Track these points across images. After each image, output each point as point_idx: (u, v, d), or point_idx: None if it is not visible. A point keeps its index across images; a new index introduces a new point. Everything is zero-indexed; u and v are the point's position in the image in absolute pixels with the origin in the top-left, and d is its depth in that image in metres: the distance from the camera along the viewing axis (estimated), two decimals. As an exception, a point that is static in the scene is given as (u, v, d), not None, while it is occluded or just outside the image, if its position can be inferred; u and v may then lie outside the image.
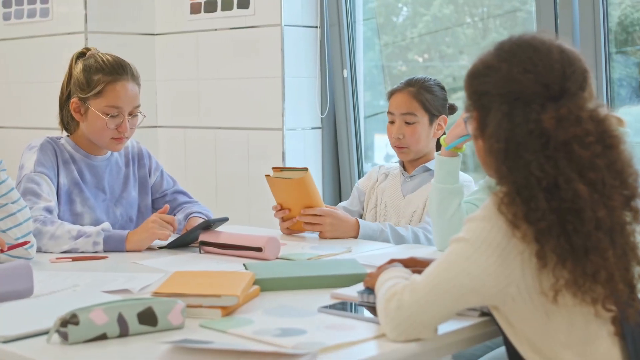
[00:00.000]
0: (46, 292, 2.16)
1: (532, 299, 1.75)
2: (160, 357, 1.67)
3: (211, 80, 4.72)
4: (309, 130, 4.55)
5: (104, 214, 2.97)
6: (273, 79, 4.43)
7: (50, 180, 2.86)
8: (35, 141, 2.94)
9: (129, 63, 2.97)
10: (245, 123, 4.57)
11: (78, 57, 3.00)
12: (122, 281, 2.28)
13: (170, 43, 4.89)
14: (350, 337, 1.78)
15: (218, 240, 2.69)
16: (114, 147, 2.95)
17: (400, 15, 4.78)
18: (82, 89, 2.90)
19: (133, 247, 2.73)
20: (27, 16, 4.96)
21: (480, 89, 1.80)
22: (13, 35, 5.07)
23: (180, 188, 3.19)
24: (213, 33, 4.67)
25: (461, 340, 1.87)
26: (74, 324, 1.76)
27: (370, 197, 3.26)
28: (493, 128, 1.76)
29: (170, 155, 4.95)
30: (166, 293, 1.98)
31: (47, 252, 2.72)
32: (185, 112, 4.86)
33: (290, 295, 2.16)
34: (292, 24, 4.43)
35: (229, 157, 4.66)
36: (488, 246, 1.74)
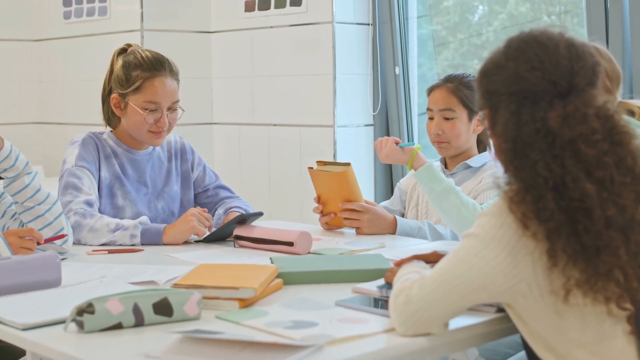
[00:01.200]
0: (74, 283, 2.20)
1: (543, 297, 1.74)
2: (170, 347, 1.69)
3: (264, 78, 4.76)
4: (361, 127, 4.56)
5: (145, 208, 3.02)
6: (324, 76, 4.45)
7: (91, 174, 2.91)
8: (77, 136, 3.00)
9: (168, 59, 3.00)
10: (298, 120, 4.60)
11: (119, 54, 3.05)
12: (151, 273, 2.32)
13: (225, 41, 4.94)
14: (361, 330, 1.79)
15: (252, 235, 2.71)
16: (153, 142, 2.99)
17: (476, 13, 4.75)
18: (122, 84, 2.95)
19: (170, 241, 2.77)
20: (86, 15, 5.06)
21: (490, 88, 1.80)
22: (73, 34, 5.17)
23: (222, 183, 3.23)
24: (266, 31, 4.71)
25: (474, 336, 1.86)
26: (89, 313, 1.80)
27: (412, 196, 3.26)
28: (501, 127, 1.76)
29: (225, 152, 5.00)
30: (185, 285, 2.01)
31: (87, 244, 2.77)
32: (240, 109, 4.91)
33: (312, 288, 2.17)
34: (344, 22, 4.44)
35: (281, 153, 4.69)
36: (498, 243, 1.73)
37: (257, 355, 1.63)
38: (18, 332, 1.82)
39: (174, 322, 1.86)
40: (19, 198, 2.55)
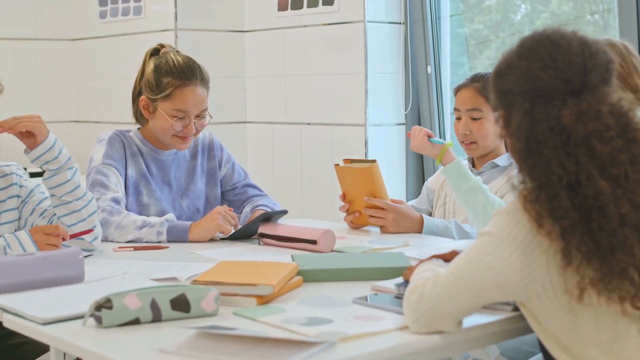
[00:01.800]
0: (97, 279, 2.23)
1: (557, 296, 1.74)
2: (185, 342, 1.71)
3: (297, 77, 4.77)
4: (392, 126, 4.56)
5: (169, 206, 3.04)
6: (356, 75, 4.46)
7: (117, 172, 2.94)
8: (104, 134, 3.03)
9: (199, 65, 3.01)
10: (330, 119, 4.61)
11: (151, 55, 3.07)
12: (174, 270, 2.34)
13: (258, 40, 4.96)
14: (375, 327, 1.80)
15: (276, 233, 2.73)
16: (179, 147, 3.01)
17: (519, 12, 4.74)
18: (152, 89, 2.97)
19: (196, 238, 2.80)
20: (121, 14, 5.11)
21: (504, 88, 1.80)
22: (108, 33, 5.22)
23: (250, 181, 3.24)
24: (299, 30, 4.72)
25: (489, 335, 1.86)
26: (107, 308, 1.83)
27: (440, 195, 3.25)
28: (515, 126, 1.76)
29: (258, 151, 5.03)
30: (204, 281, 2.03)
31: (114, 241, 2.80)
32: (273, 108, 4.93)
33: (332, 286, 2.18)
34: (376, 21, 4.44)
35: (314, 152, 4.70)
36: (512, 241, 1.73)
37: (270, 351, 1.64)
38: (38, 326, 1.86)
39: (191, 318, 1.88)
40: (58, 192, 2.58)
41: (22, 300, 1.99)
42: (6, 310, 1.96)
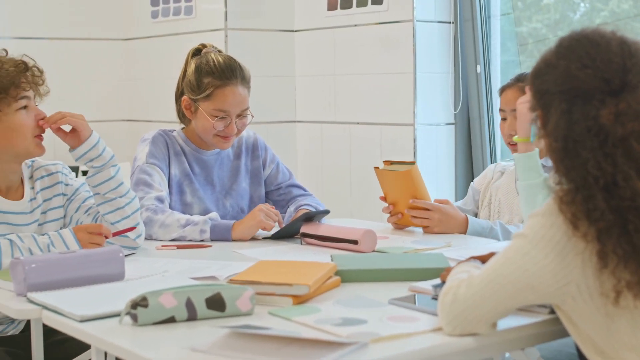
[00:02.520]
0: (137, 277, 2.26)
1: (593, 299, 1.72)
2: (217, 341, 1.72)
3: (346, 76, 4.77)
4: (442, 126, 4.54)
5: (213, 206, 3.06)
6: (405, 74, 4.44)
7: (161, 171, 2.97)
8: (148, 134, 3.06)
9: (240, 65, 3.02)
10: (378, 118, 4.60)
11: (193, 55, 3.09)
12: (215, 269, 2.35)
13: (308, 39, 4.97)
14: (409, 329, 1.79)
15: (318, 233, 2.74)
16: (221, 146, 3.03)
17: (578, 11, 4.69)
18: (193, 90, 2.99)
19: (238, 237, 2.81)
20: (172, 14, 5.15)
21: (541, 88, 1.78)
22: (160, 33, 5.27)
23: (295, 181, 3.25)
24: (348, 29, 4.72)
25: (524, 337, 1.84)
26: (143, 306, 1.84)
27: (485, 195, 3.23)
28: (552, 126, 1.74)
29: (307, 150, 5.04)
30: (241, 280, 2.04)
31: (158, 239, 2.83)
32: (322, 107, 4.93)
33: (370, 286, 2.18)
34: (425, 20, 4.43)
35: (362, 151, 4.70)
36: (547, 243, 1.71)
37: (301, 351, 1.65)
38: (76, 323, 1.88)
39: (226, 317, 1.89)
40: (102, 189, 2.61)
41: (62, 298, 2.02)
42: (46, 307, 1.99)
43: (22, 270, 2.08)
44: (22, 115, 2.55)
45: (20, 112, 2.55)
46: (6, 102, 2.53)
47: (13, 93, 2.53)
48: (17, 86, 2.54)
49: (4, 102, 2.52)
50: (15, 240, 2.39)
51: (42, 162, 2.73)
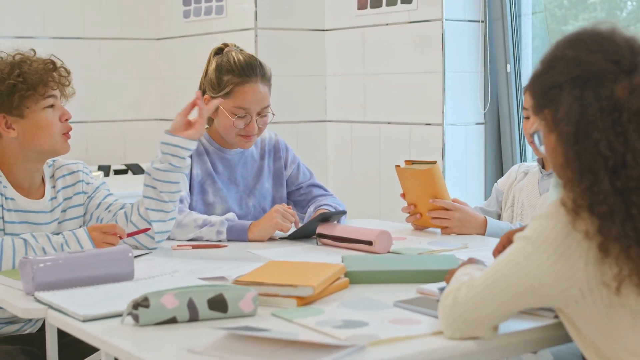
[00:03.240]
0: (147, 277, 2.26)
1: (596, 303, 1.69)
2: (213, 342, 1.72)
3: (375, 75, 4.76)
4: (471, 125, 4.50)
5: (236, 205, 3.06)
6: (434, 74, 4.42)
7: (182, 171, 2.97)
8: (171, 133, 3.06)
9: (260, 63, 3.02)
10: (407, 118, 4.58)
11: (215, 54, 3.10)
12: (225, 269, 2.35)
13: (338, 38, 4.96)
14: (409, 332, 1.77)
15: (333, 233, 2.72)
16: (242, 145, 3.03)
17: (625, 9, 4.64)
18: (214, 88, 3.00)
19: (255, 237, 2.81)
20: (204, 14, 5.17)
21: (547, 83, 1.75)
22: (191, 33, 5.29)
23: (316, 181, 3.24)
24: (378, 28, 4.70)
25: (526, 342, 1.81)
26: (144, 306, 1.85)
27: (508, 196, 3.20)
28: (562, 114, 1.70)
29: (337, 149, 5.03)
30: (246, 281, 2.03)
31: (175, 239, 2.83)
32: (352, 107, 4.92)
33: (378, 288, 2.16)
34: (454, 19, 4.40)
35: (392, 151, 4.68)
36: (549, 245, 1.69)
37: (296, 354, 1.64)
38: (79, 323, 1.89)
39: (229, 318, 1.89)
40: (161, 187, 2.64)
41: (68, 297, 2.03)
42: (52, 307, 2.00)
43: (31, 270, 2.10)
44: (49, 114, 2.58)
45: (47, 110, 2.58)
46: (34, 100, 2.56)
47: (41, 91, 2.56)
48: (45, 84, 2.57)
49: (31, 99, 2.55)
50: (29, 240, 2.40)
51: (63, 162, 2.75)
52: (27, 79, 2.53)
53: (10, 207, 2.58)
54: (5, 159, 2.60)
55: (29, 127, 2.56)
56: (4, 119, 2.55)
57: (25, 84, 2.53)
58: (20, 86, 2.53)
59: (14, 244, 2.38)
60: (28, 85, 2.53)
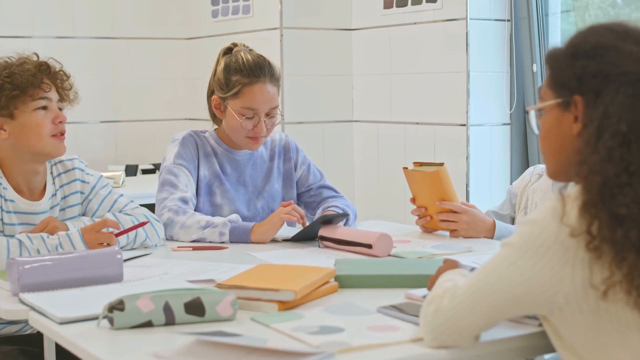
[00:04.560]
0: (136, 279, 2.24)
1: (581, 310, 1.64)
2: (181, 347, 1.69)
3: (401, 75, 4.71)
4: (496, 126, 4.44)
5: (244, 207, 3.04)
6: (458, 73, 4.36)
7: (188, 172, 2.95)
8: (178, 134, 3.05)
9: (269, 63, 2.99)
10: (432, 118, 4.53)
11: (224, 54, 3.08)
12: (220, 271, 2.33)
13: (365, 38, 4.93)
14: (383, 339, 1.73)
15: (334, 236, 2.69)
16: (250, 147, 3.01)
17: None
18: (222, 88, 2.98)
19: (257, 239, 2.78)
20: (231, 13, 5.16)
21: (589, 69, 1.67)
22: (220, 32, 5.29)
23: (326, 183, 3.21)
24: (403, 27, 4.66)
25: (508, 350, 1.76)
26: (120, 310, 1.83)
27: (522, 199, 3.14)
28: (614, 108, 1.63)
29: (364, 150, 4.99)
30: (227, 285, 2.01)
31: (179, 240, 2.82)
32: (378, 106, 4.88)
33: (367, 293, 2.12)
34: (480, 18, 4.34)
35: (417, 152, 4.63)
36: (535, 253, 1.64)
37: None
38: (54, 325, 1.88)
39: (206, 322, 1.87)
40: None
41: (51, 299, 2.01)
42: (33, 308, 1.99)
43: (17, 271, 2.09)
44: (39, 115, 2.57)
45: (37, 112, 2.57)
46: (22, 101, 2.55)
47: (30, 92, 2.55)
48: (35, 86, 2.56)
49: (19, 100, 2.55)
50: (24, 241, 2.40)
51: (59, 157, 2.72)
52: (15, 80, 2.53)
53: (9, 209, 2.58)
54: (4, 161, 2.61)
55: (18, 128, 2.55)
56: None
57: (12, 84, 2.53)
58: (6, 86, 2.52)
59: (9, 244, 2.38)
60: (15, 85, 2.53)
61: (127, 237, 2.62)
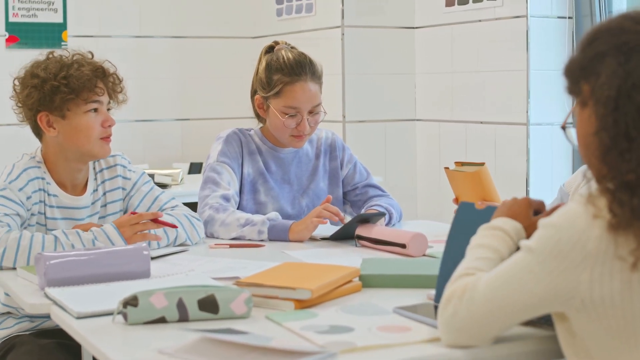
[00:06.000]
0: (162, 275, 2.26)
1: (598, 314, 1.61)
2: (186, 344, 1.70)
3: (462, 73, 4.66)
4: (558, 125, 4.35)
5: (288, 204, 3.04)
6: (518, 72, 4.30)
7: (232, 169, 2.97)
8: (223, 132, 3.07)
9: (310, 60, 2.99)
10: (493, 117, 4.47)
11: (266, 52, 3.08)
12: (250, 269, 2.32)
13: (427, 36, 4.89)
14: (391, 339, 1.71)
15: (370, 235, 2.67)
16: (294, 145, 3.01)
17: None
18: (264, 87, 2.98)
19: (295, 237, 2.78)
20: (295, 12, 5.17)
21: (588, 57, 1.66)
22: (284, 31, 5.30)
23: (372, 181, 3.19)
24: (465, 25, 4.61)
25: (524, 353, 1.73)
26: (133, 305, 1.85)
27: (572, 198, 3.07)
28: (605, 77, 1.61)
29: (426, 149, 4.95)
30: (246, 282, 2.01)
31: (219, 238, 2.83)
32: (440, 105, 4.84)
33: (390, 293, 2.11)
34: (541, 15, 4.26)
35: (478, 151, 4.57)
36: (553, 259, 1.61)
37: (261, 358, 1.61)
38: (71, 319, 1.90)
39: (220, 320, 1.87)
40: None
41: (74, 294, 2.04)
42: (55, 303, 2.02)
43: (43, 266, 2.13)
44: (89, 118, 2.61)
45: (88, 115, 2.61)
46: (75, 103, 2.59)
47: (84, 95, 2.59)
48: (90, 90, 2.60)
49: (73, 102, 2.58)
50: (60, 236, 2.44)
51: None
52: (71, 83, 2.56)
53: (52, 204, 2.63)
54: (49, 157, 2.66)
55: (68, 128, 2.60)
56: (47, 117, 2.60)
57: (68, 87, 2.56)
58: (62, 89, 2.56)
59: (44, 240, 2.42)
60: (71, 88, 2.56)
61: (167, 237, 2.64)
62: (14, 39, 5.00)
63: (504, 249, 1.77)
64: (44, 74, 2.57)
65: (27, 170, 2.59)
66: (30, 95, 2.58)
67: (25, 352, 2.54)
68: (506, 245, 1.78)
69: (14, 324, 2.63)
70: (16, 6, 5.00)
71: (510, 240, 1.78)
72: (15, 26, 5.01)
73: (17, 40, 5.00)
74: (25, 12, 5.02)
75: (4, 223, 2.45)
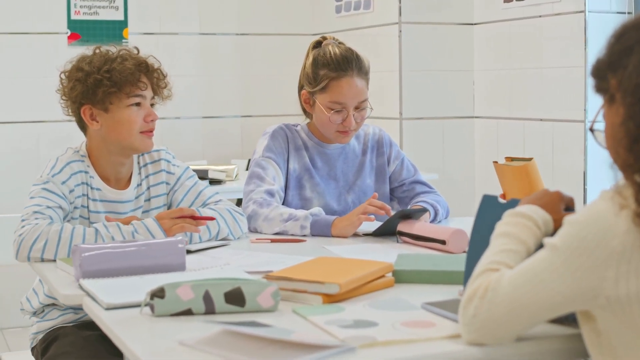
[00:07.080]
0: (198, 268, 2.27)
1: (624, 311, 1.57)
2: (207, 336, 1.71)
3: (520, 70, 4.60)
4: (617, 123, 4.27)
5: (334, 200, 3.03)
6: (576, 68, 4.23)
7: (277, 165, 2.97)
8: (269, 128, 3.08)
9: (357, 56, 2.98)
10: (550, 114, 4.41)
11: (313, 48, 3.08)
12: (286, 264, 2.31)
13: (486, 33, 4.84)
14: (413, 335, 1.70)
15: (411, 231, 2.65)
16: (340, 140, 3.00)
17: None
18: (310, 82, 2.98)
19: (338, 233, 2.77)
20: (353, 8, 5.16)
21: (615, 53, 1.65)
22: (342, 28, 5.30)
23: (419, 178, 3.16)
24: (523, 22, 4.55)
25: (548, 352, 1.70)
26: (160, 297, 1.86)
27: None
28: (633, 67, 1.60)
29: (484, 146, 4.90)
30: (275, 276, 2.01)
31: (262, 232, 2.84)
32: (498, 102, 4.79)
33: (422, 288, 2.09)
34: (599, 11, 4.19)
35: (536, 148, 4.51)
36: (578, 257, 1.58)
37: (280, 352, 1.60)
38: (100, 310, 1.92)
39: (246, 313, 1.87)
40: None
41: (107, 285, 2.06)
42: (88, 294, 2.05)
43: (79, 257, 2.15)
44: (132, 111, 2.63)
45: (131, 109, 2.63)
46: (118, 97, 2.61)
47: (127, 89, 2.61)
48: (132, 84, 2.62)
49: (115, 96, 2.61)
50: (100, 229, 2.47)
51: None
52: (114, 77, 2.59)
53: (95, 197, 2.66)
54: (93, 151, 2.69)
55: (111, 121, 2.62)
56: (90, 110, 2.63)
57: (110, 80, 2.59)
58: (105, 82, 2.59)
59: (85, 232, 2.45)
60: (113, 82, 2.59)
61: (209, 231, 2.65)
62: (76, 36, 5.08)
63: (531, 239, 1.73)
64: (88, 68, 2.61)
65: (71, 163, 2.62)
66: (75, 88, 2.61)
67: (68, 343, 2.58)
68: (533, 236, 1.74)
69: (58, 316, 2.67)
70: (78, 4, 5.08)
71: (538, 231, 1.75)
72: (77, 24, 5.09)
73: (79, 37, 5.08)
74: (86, 10, 5.10)
75: (46, 215, 2.48)
